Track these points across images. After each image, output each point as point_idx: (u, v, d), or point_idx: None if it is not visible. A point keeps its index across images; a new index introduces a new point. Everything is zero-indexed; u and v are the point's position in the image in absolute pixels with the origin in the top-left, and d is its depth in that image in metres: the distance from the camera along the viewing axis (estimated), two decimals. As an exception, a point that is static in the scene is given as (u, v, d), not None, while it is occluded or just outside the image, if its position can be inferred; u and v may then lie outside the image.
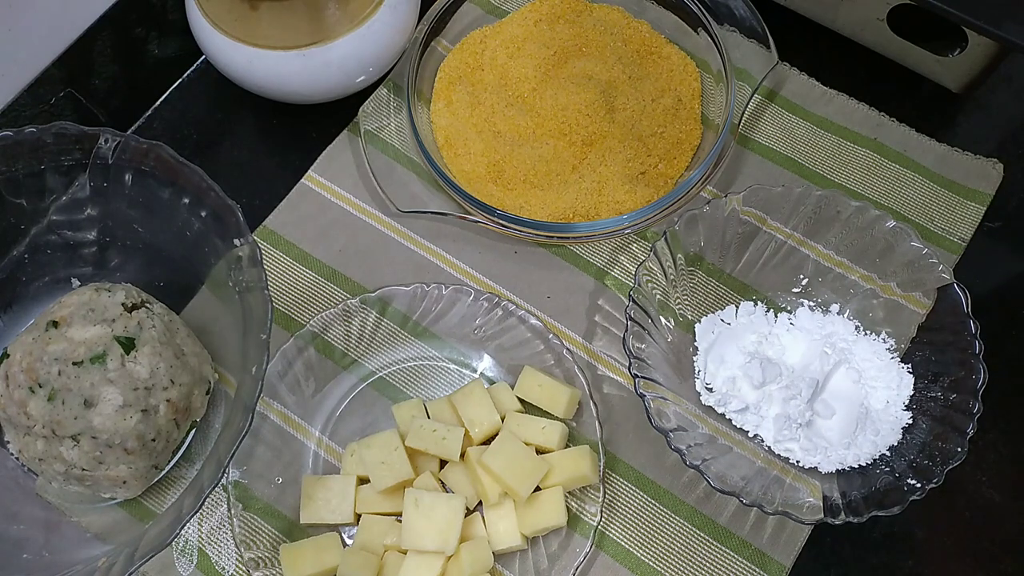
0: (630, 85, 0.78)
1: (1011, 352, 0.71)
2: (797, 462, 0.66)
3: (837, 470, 0.65)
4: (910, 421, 0.65)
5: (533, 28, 0.81)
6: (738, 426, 0.67)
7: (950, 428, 0.63)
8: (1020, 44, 0.67)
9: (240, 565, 0.65)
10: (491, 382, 0.69)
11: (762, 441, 0.66)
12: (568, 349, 0.68)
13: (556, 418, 0.67)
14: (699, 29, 0.79)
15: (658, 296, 0.69)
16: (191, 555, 0.66)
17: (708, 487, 0.65)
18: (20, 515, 0.64)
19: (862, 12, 0.77)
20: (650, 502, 0.67)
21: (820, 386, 0.67)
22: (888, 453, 0.65)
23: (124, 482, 0.63)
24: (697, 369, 0.69)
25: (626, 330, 0.65)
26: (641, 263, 0.67)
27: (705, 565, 0.65)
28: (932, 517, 0.67)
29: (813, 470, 0.65)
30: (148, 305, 0.65)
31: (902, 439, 0.65)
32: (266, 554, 0.64)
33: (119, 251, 0.69)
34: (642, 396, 0.63)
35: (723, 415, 0.67)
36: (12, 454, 0.65)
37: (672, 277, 0.70)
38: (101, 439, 0.60)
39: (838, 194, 0.68)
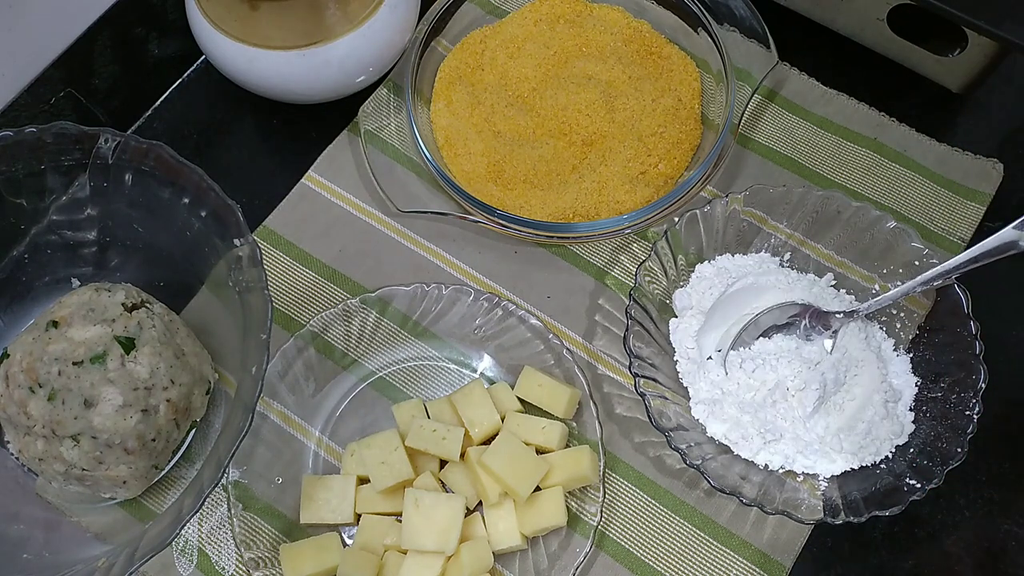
0: (630, 85, 0.78)
1: (1011, 352, 0.71)
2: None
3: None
4: (911, 421, 0.65)
5: (533, 28, 0.81)
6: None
7: (950, 428, 0.63)
8: (1020, 44, 0.67)
9: (240, 565, 0.65)
10: (491, 382, 0.69)
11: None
12: (568, 349, 0.68)
13: (556, 418, 0.67)
14: (699, 29, 0.79)
15: (659, 296, 0.69)
16: (191, 555, 0.66)
17: (708, 487, 0.65)
18: (20, 515, 0.64)
19: (862, 12, 0.77)
20: (650, 502, 0.67)
21: (819, 387, 0.67)
22: (888, 453, 0.65)
23: (124, 482, 0.63)
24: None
25: (626, 330, 0.65)
26: (642, 263, 0.67)
27: (705, 565, 0.65)
28: (932, 517, 0.67)
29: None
30: (148, 305, 0.65)
31: (902, 439, 0.65)
32: (266, 554, 0.64)
33: (119, 251, 0.69)
34: (642, 396, 0.63)
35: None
36: (12, 454, 0.65)
37: (673, 277, 0.70)
38: (101, 439, 0.60)
39: (838, 194, 0.68)
